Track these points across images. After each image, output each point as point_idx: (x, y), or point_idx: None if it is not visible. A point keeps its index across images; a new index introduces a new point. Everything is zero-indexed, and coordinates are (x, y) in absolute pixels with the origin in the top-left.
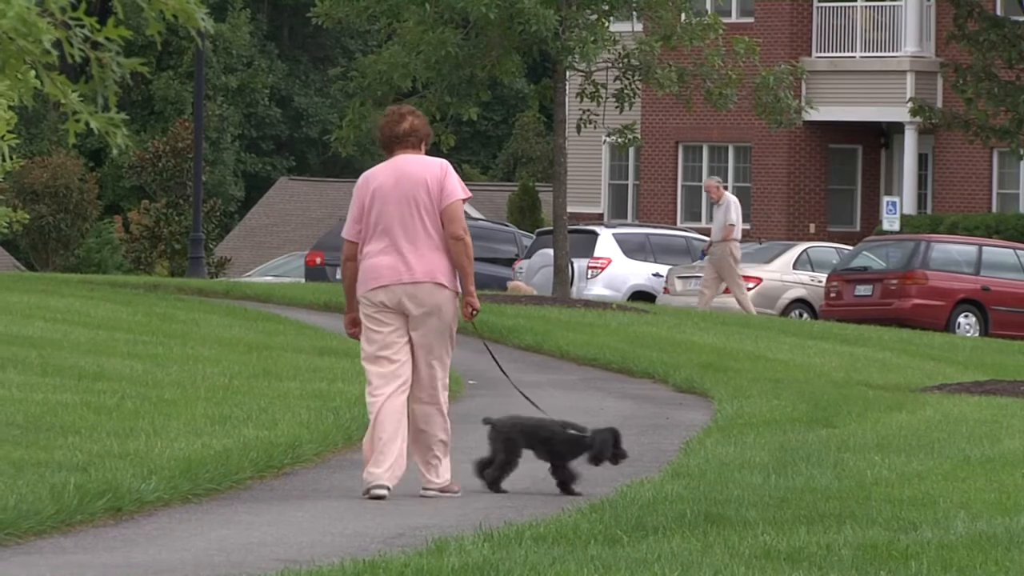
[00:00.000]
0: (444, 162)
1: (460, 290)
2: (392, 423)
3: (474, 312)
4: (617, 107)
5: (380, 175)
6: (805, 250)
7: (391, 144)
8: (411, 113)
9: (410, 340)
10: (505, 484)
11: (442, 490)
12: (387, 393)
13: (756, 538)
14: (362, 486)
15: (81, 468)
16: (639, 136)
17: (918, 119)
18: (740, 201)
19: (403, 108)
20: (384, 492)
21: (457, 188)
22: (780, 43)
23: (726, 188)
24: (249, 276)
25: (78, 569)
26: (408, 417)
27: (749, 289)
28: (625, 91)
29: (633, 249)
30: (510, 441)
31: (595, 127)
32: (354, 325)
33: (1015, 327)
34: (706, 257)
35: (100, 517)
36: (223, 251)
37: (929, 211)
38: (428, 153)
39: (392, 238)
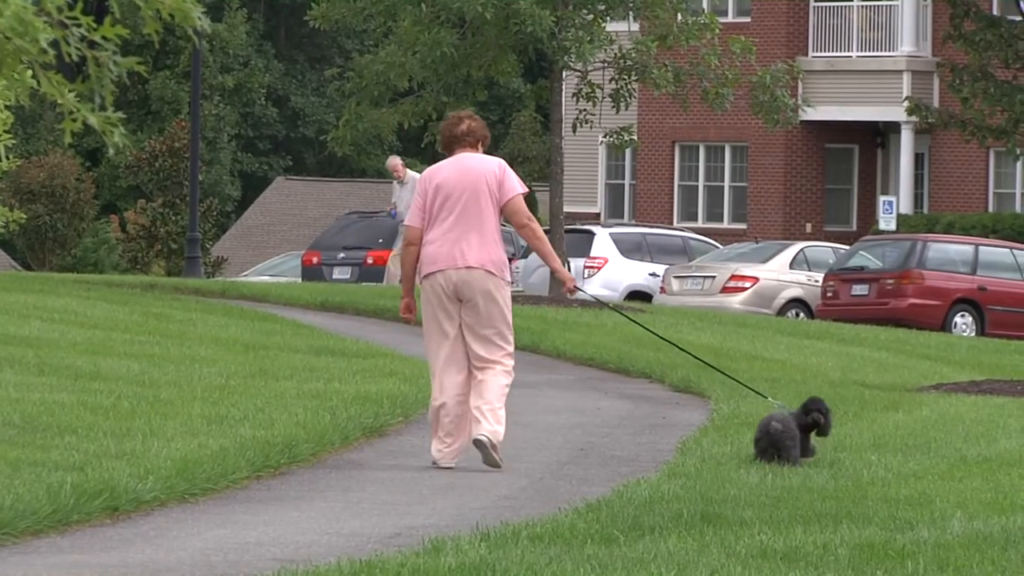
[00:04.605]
0: (501, 161)
1: (509, 279)
2: (453, 406)
3: (571, 286)
4: (613, 107)
5: (444, 170)
6: (801, 250)
7: (451, 143)
8: (469, 116)
9: (465, 323)
10: (504, 484)
11: (494, 444)
12: (446, 371)
13: (752, 537)
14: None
15: (78, 468)
16: (635, 138)
17: (914, 118)
18: (736, 201)
19: (462, 112)
20: (450, 466)
21: (516, 184)
22: (776, 42)
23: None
24: (246, 276)
25: (75, 569)
26: (467, 395)
27: (746, 288)
28: (621, 91)
29: (630, 249)
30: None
31: (591, 127)
32: (408, 311)
33: (1011, 327)
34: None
35: (97, 517)
36: (220, 251)
37: (925, 211)
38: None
39: (451, 228)
